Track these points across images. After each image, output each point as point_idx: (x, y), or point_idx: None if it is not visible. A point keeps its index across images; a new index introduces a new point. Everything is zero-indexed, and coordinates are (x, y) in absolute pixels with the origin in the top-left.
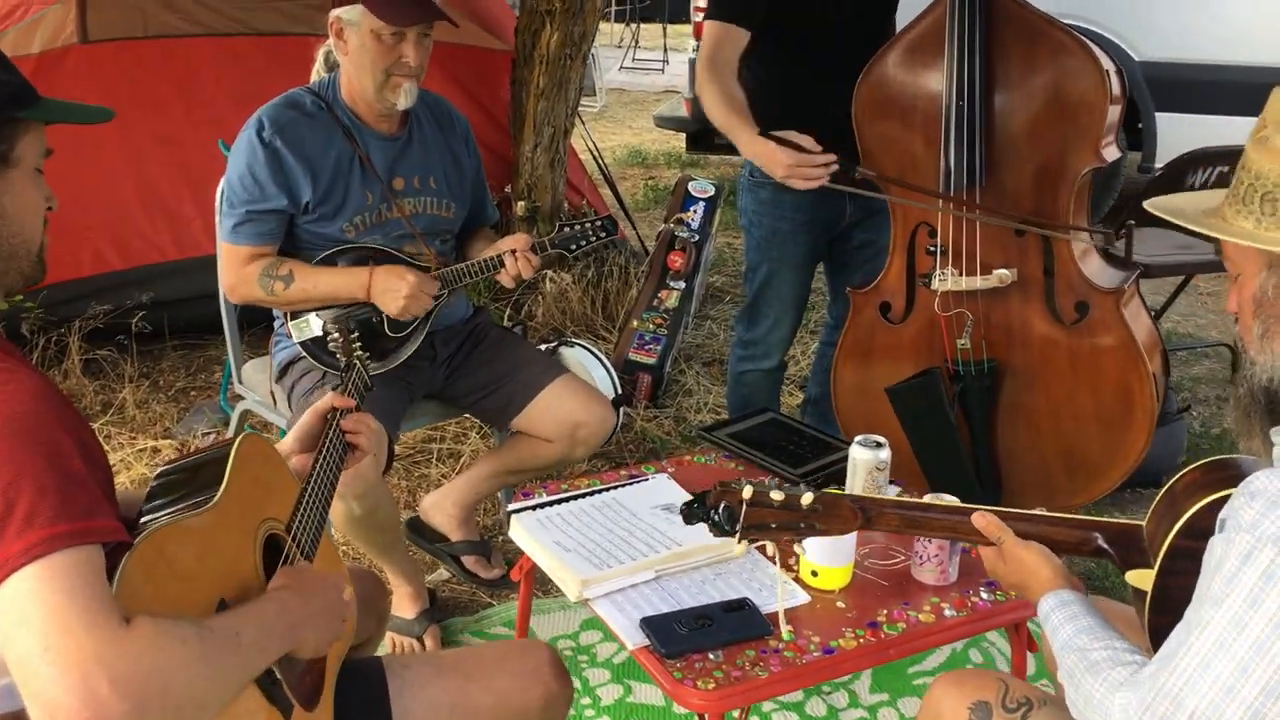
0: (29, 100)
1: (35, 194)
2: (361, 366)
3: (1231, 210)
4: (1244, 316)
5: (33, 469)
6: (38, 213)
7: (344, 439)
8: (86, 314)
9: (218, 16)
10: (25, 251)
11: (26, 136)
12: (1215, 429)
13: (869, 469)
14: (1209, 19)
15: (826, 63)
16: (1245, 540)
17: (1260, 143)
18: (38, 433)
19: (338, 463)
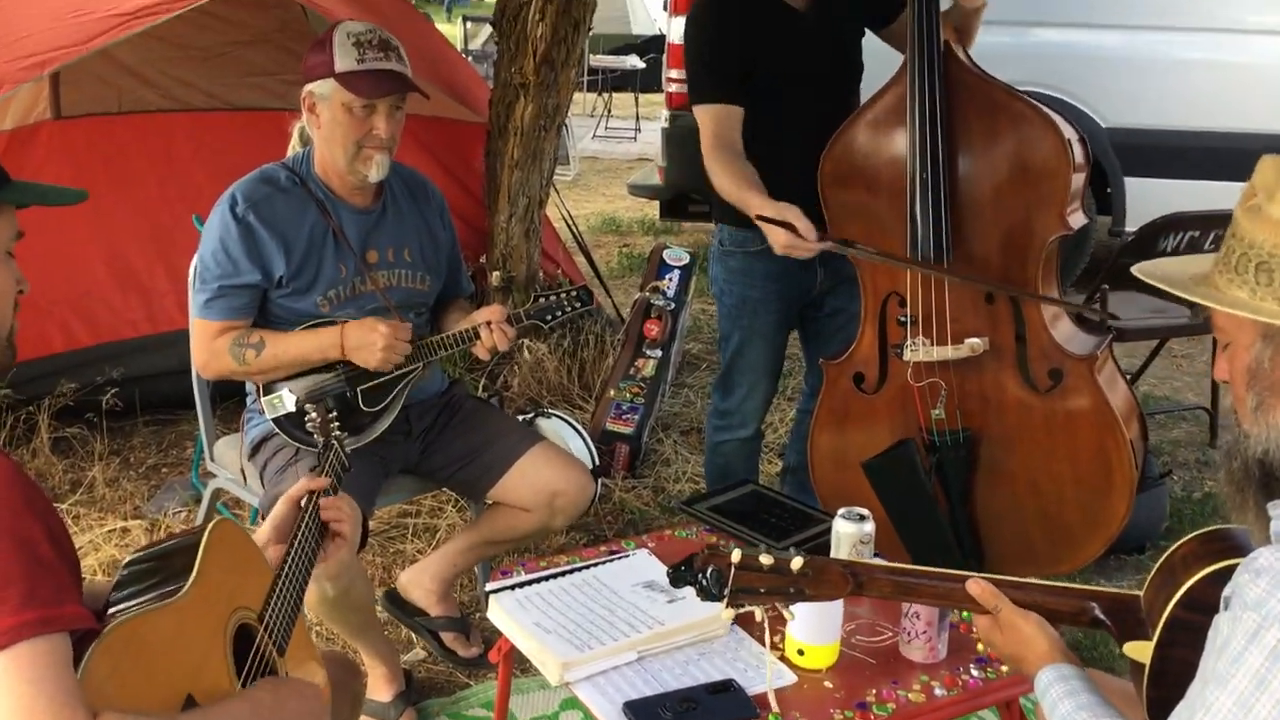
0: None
1: (5, 278)
2: (340, 446)
3: (1223, 279)
4: (1236, 387)
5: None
6: (7, 297)
7: (320, 525)
8: (56, 392)
9: (193, 92)
10: None
11: None
12: (1197, 493)
13: (853, 542)
14: (1173, 86)
15: (793, 134)
16: (1251, 619)
17: (1251, 211)
18: (4, 519)
19: (313, 550)
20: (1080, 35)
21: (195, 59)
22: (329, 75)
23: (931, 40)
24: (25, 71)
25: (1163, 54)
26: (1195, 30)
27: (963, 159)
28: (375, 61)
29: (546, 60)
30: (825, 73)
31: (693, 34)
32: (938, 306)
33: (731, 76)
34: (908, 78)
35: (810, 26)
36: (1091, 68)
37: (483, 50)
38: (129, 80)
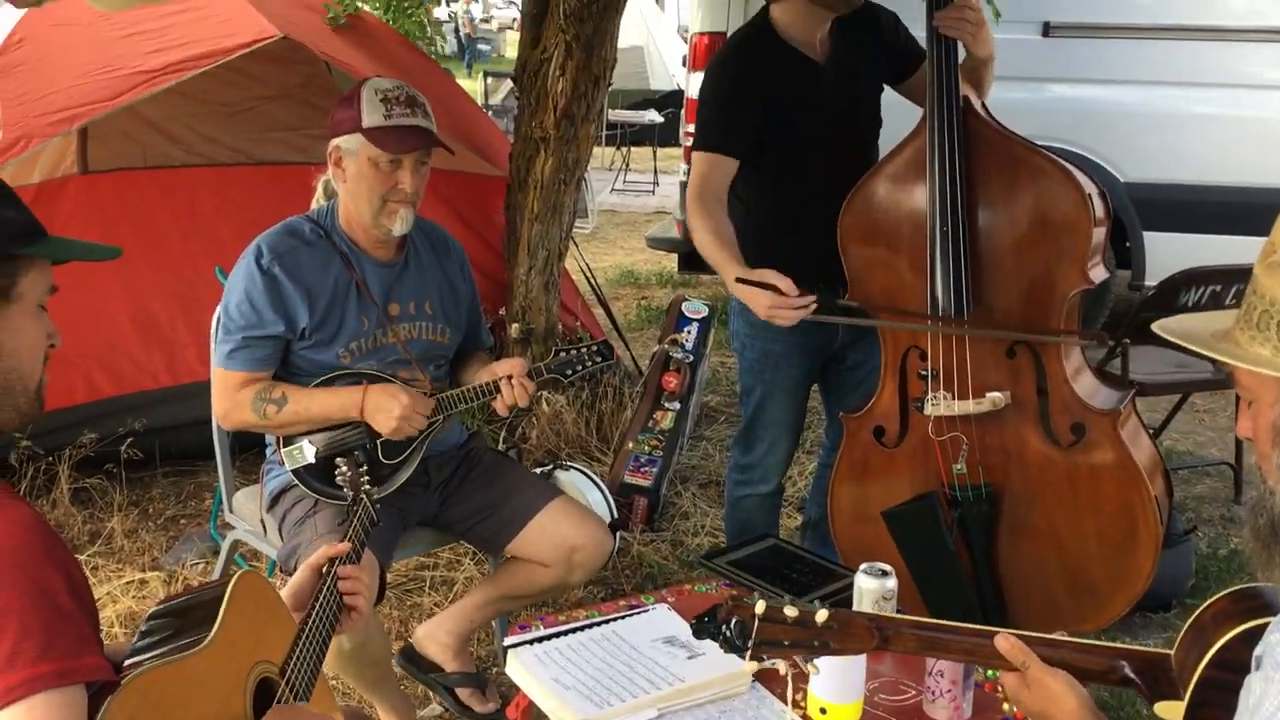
0: (36, 238)
1: (36, 331)
2: (369, 501)
3: (1245, 335)
4: (1261, 444)
5: (18, 606)
6: (37, 350)
7: (338, 596)
8: (77, 442)
9: (217, 147)
10: (22, 388)
11: (30, 274)
12: (1223, 550)
13: (876, 598)
14: (1192, 141)
15: (812, 188)
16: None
17: (1272, 268)
18: (25, 568)
19: (334, 613)
20: (1098, 91)
21: (220, 114)
22: (356, 130)
23: (950, 94)
24: (53, 126)
25: (1181, 109)
26: (1214, 86)
27: (983, 213)
28: (402, 117)
29: (566, 115)
30: (844, 126)
31: (709, 82)
32: (959, 360)
33: (739, 128)
34: (927, 132)
35: (829, 80)
36: (1110, 123)
37: (503, 105)
38: (155, 136)
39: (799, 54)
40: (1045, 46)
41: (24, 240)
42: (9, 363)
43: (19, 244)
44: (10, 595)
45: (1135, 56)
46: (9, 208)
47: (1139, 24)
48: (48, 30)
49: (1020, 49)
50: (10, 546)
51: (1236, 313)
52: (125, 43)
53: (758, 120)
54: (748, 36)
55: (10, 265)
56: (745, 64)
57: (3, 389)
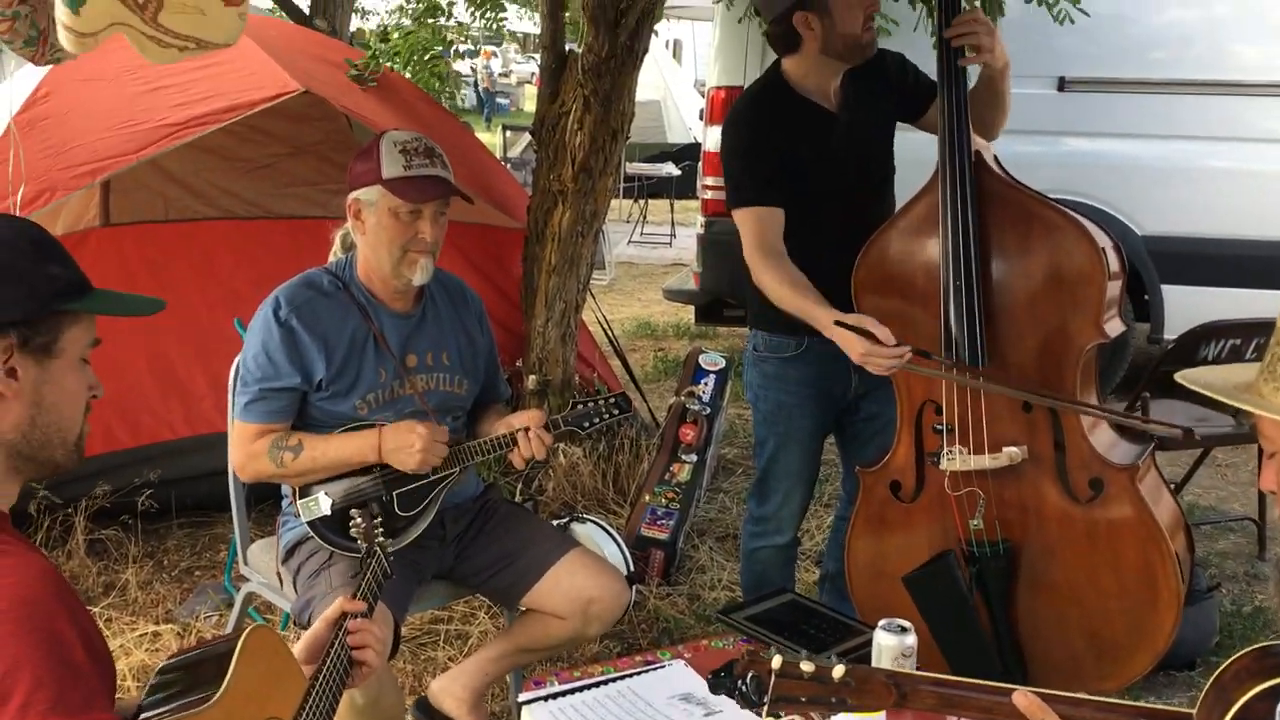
0: (81, 293)
1: (78, 384)
2: (383, 553)
3: (1268, 387)
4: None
5: (31, 658)
6: (78, 403)
7: (348, 652)
8: (93, 493)
9: (237, 201)
10: (61, 440)
11: (74, 329)
12: (1247, 607)
13: (895, 655)
14: (1207, 195)
15: (827, 238)
16: None
17: None
18: (40, 620)
19: (344, 670)
20: (1114, 144)
21: (240, 169)
22: (376, 182)
23: (961, 151)
24: (77, 179)
25: (1197, 163)
26: (1229, 140)
27: (996, 267)
28: (421, 168)
29: (584, 168)
30: (858, 175)
31: (730, 138)
32: (974, 415)
33: (771, 178)
34: (939, 187)
35: (843, 129)
36: (1126, 176)
37: (521, 158)
38: (176, 189)
39: (813, 105)
40: (1061, 101)
41: (69, 296)
42: (49, 416)
43: (63, 300)
44: (23, 647)
45: (1150, 111)
46: (55, 264)
47: (1154, 79)
48: (74, 85)
49: (1036, 103)
50: (26, 598)
51: (1259, 365)
52: (150, 97)
53: (777, 172)
54: (762, 90)
55: (54, 321)
56: (762, 118)
57: (41, 441)
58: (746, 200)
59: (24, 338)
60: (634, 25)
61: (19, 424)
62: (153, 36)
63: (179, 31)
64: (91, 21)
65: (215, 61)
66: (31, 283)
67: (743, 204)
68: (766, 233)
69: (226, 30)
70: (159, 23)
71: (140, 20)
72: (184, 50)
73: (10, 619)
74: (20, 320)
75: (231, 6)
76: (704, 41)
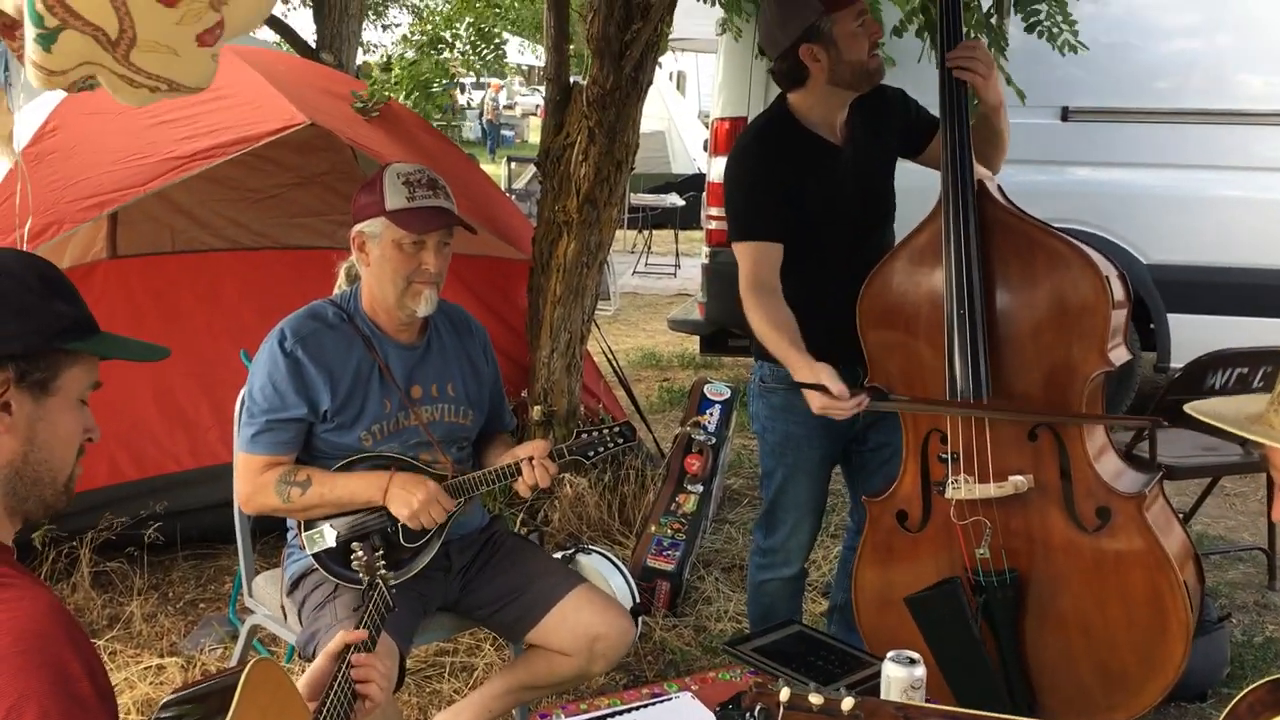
0: (85, 333)
1: (73, 424)
2: (384, 586)
3: (1278, 418)
4: None
5: (38, 691)
6: (71, 443)
7: (351, 686)
8: (99, 525)
9: (244, 232)
10: (50, 480)
11: (74, 369)
12: (1259, 637)
13: (904, 687)
14: (1212, 223)
15: (831, 271)
16: None
17: None
18: (47, 654)
19: (348, 706)
20: (1118, 174)
21: (247, 200)
22: (380, 214)
23: (964, 180)
24: (85, 212)
25: (1201, 191)
26: (1232, 168)
27: (1000, 297)
28: (424, 199)
29: (589, 199)
30: (862, 207)
31: (734, 171)
32: (979, 443)
33: (773, 213)
34: (942, 216)
35: (848, 163)
36: (1131, 205)
37: (526, 189)
38: (182, 221)
39: (818, 138)
40: (1065, 131)
41: (73, 335)
42: (40, 453)
43: (66, 338)
44: (31, 680)
45: (1154, 140)
46: (63, 301)
47: (1158, 108)
48: (81, 118)
49: (1040, 133)
50: (33, 631)
51: (1269, 396)
52: (156, 130)
53: (779, 206)
54: (767, 123)
55: (54, 359)
56: (767, 151)
57: (32, 480)
58: (745, 234)
59: (21, 372)
60: (638, 57)
61: (11, 460)
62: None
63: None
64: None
65: (221, 95)
66: (35, 318)
67: (741, 238)
68: (761, 269)
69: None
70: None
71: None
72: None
73: (16, 652)
74: (20, 354)
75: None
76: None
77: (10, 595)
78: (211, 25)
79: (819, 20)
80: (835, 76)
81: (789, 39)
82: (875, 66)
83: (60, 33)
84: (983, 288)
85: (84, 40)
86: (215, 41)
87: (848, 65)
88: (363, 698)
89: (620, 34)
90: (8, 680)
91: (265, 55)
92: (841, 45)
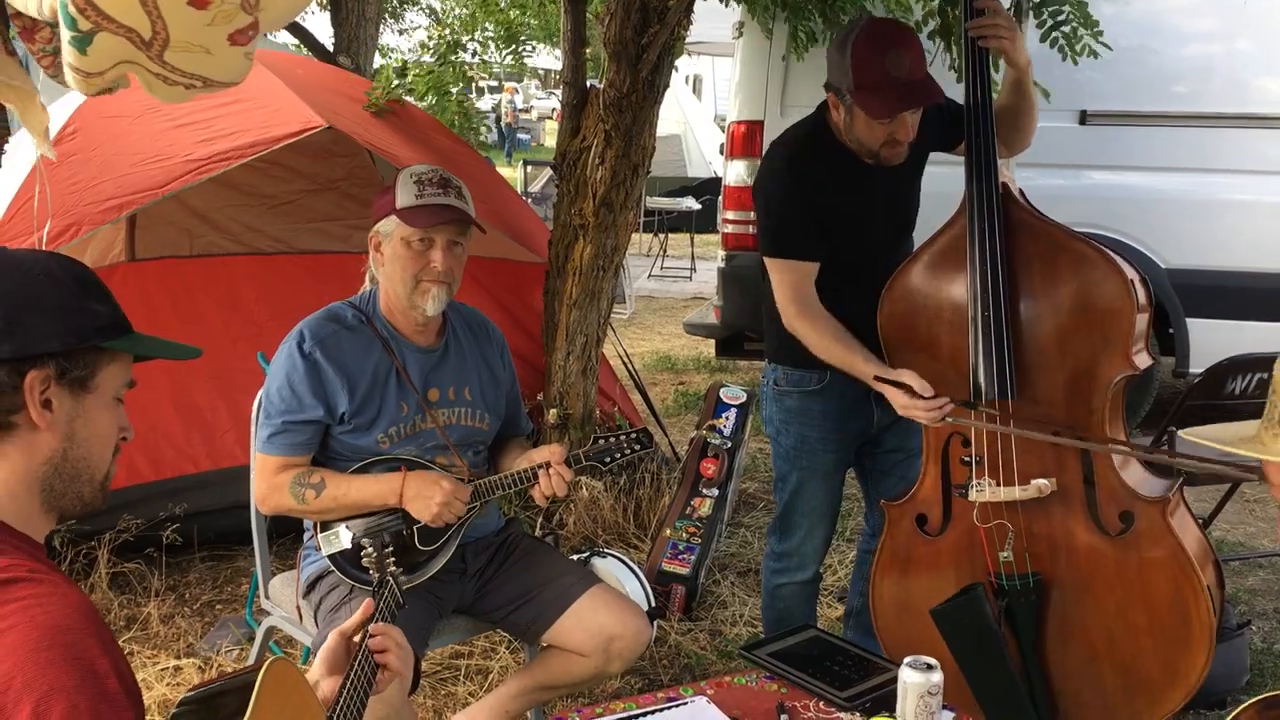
0: (120, 333)
1: (110, 422)
2: (395, 583)
3: (1269, 434)
4: None
5: (67, 686)
6: (108, 441)
7: (373, 665)
8: (118, 527)
9: (261, 236)
10: (89, 478)
11: (110, 367)
12: (1278, 644)
13: (920, 693)
14: (1230, 227)
15: (855, 283)
16: None
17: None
18: (76, 648)
19: (366, 688)
20: (1136, 178)
21: (264, 206)
22: (391, 213)
23: (990, 181)
24: (103, 214)
25: (1220, 195)
26: (1251, 172)
27: (1024, 300)
28: (433, 196)
29: (605, 202)
30: (888, 222)
31: (772, 187)
32: (1004, 446)
33: (812, 232)
34: (967, 218)
35: (880, 179)
36: (1149, 209)
37: (542, 192)
38: (200, 225)
39: (852, 155)
40: (1083, 134)
41: (109, 334)
42: (80, 450)
43: (103, 337)
44: (60, 673)
45: (1173, 143)
46: (98, 302)
47: (1176, 112)
48: (100, 121)
49: (1058, 137)
50: (64, 626)
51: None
52: (175, 133)
53: (817, 225)
54: (807, 137)
55: (92, 356)
56: (805, 169)
57: (70, 476)
58: (784, 252)
59: (61, 370)
60: (655, 61)
61: (51, 457)
62: (159, 74)
63: (185, 70)
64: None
65: (239, 98)
66: (73, 317)
67: (779, 254)
68: (801, 286)
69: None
70: (165, 60)
71: (147, 58)
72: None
73: (46, 646)
74: (59, 352)
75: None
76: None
77: (41, 591)
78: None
79: (845, 93)
80: (845, 133)
81: (828, 78)
82: (887, 155)
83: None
84: (1009, 290)
85: (118, 41)
86: (249, 41)
87: (856, 136)
88: (382, 667)
89: (637, 37)
90: (37, 673)
91: (283, 59)
92: (856, 120)
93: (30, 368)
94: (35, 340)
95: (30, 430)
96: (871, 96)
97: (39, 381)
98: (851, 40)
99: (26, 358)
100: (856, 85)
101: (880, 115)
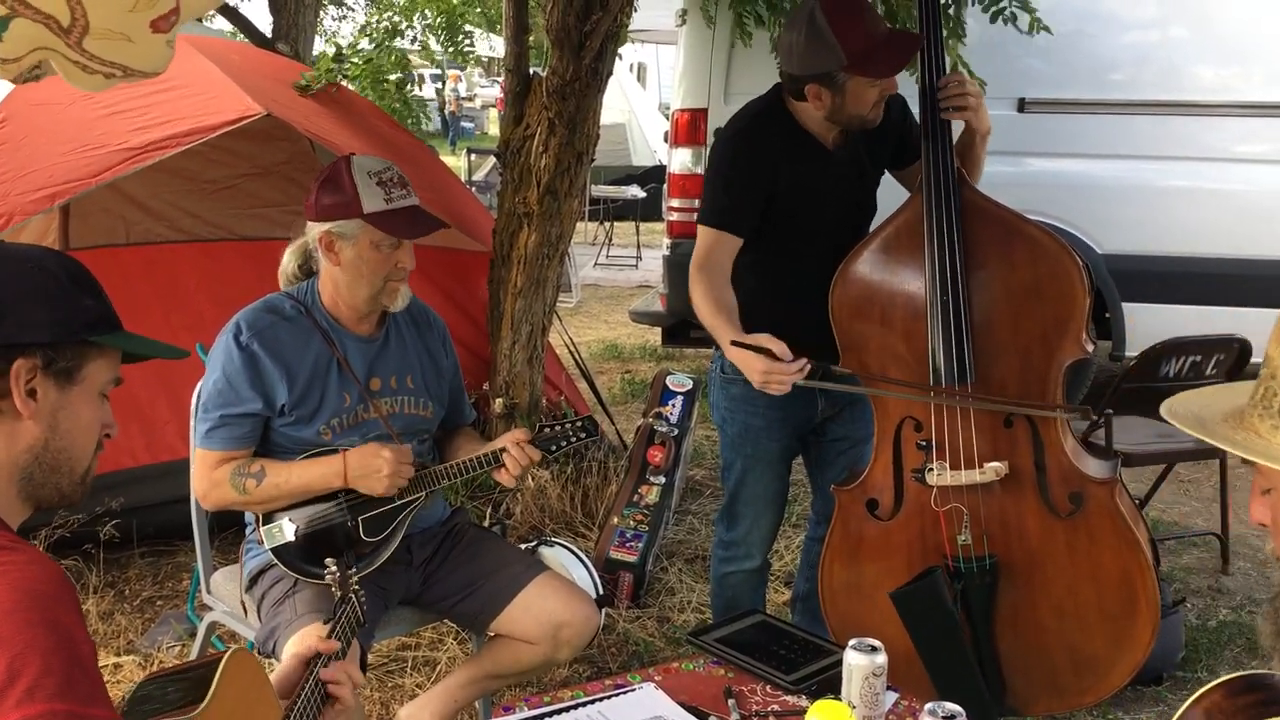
0: (109, 329)
1: (93, 416)
2: (357, 600)
3: (1265, 425)
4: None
5: (43, 645)
6: (91, 435)
7: (323, 689)
8: (54, 523)
9: (200, 223)
10: (69, 469)
11: (97, 361)
12: (1212, 621)
13: (865, 675)
14: (1165, 213)
15: (806, 270)
16: None
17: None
18: (54, 613)
19: (316, 709)
20: (1073, 164)
21: (203, 191)
22: (356, 216)
23: (946, 166)
24: (35, 204)
25: (1154, 182)
26: (1185, 159)
27: (979, 283)
28: (401, 200)
29: (550, 190)
30: (845, 211)
31: (724, 154)
32: (956, 430)
33: (747, 210)
34: (924, 203)
35: (838, 168)
36: (1086, 196)
37: (486, 181)
38: (137, 212)
39: (813, 139)
40: (1021, 122)
41: (98, 329)
42: (62, 441)
43: (92, 331)
44: (37, 634)
45: (1109, 131)
46: (88, 296)
47: (1112, 99)
48: (29, 109)
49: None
50: (41, 592)
51: (1249, 395)
52: (108, 121)
53: (763, 202)
54: (765, 111)
55: (79, 349)
56: (759, 144)
57: (51, 466)
58: (714, 221)
59: (48, 360)
60: (598, 48)
61: (33, 445)
62: (78, 62)
63: (105, 58)
64: (15, 47)
65: (174, 85)
66: (63, 309)
67: (709, 223)
68: (715, 254)
69: (153, 59)
70: (84, 48)
71: (65, 45)
72: (110, 78)
73: (24, 607)
74: (47, 343)
75: (159, 33)
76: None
77: (20, 558)
78: (166, 11)
79: (837, 72)
80: (833, 116)
81: (803, 72)
82: (874, 118)
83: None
84: (965, 274)
85: (36, 28)
86: (170, 28)
87: (847, 114)
88: (333, 699)
89: (580, 24)
90: (14, 632)
91: (218, 44)
92: (849, 97)
93: (18, 355)
94: (24, 329)
95: (14, 418)
96: (869, 60)
97: (25, 370)
98: (820, 21)
99: (14, 345)
100: (849, 57)
101: (885, 74)
